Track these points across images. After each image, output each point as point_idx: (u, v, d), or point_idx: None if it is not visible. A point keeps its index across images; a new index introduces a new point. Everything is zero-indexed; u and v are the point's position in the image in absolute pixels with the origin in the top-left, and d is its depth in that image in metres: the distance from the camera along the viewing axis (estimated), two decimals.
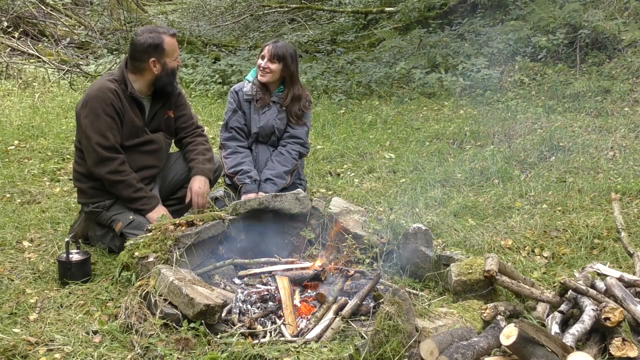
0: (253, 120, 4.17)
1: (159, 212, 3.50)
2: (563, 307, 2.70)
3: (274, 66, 4.07)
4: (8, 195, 4.40)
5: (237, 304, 2.84)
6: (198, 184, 3.68)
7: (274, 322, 2.75)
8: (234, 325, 2.71)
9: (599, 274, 2.88)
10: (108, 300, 2.98)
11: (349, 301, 2.83)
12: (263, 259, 3.39)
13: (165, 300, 2.73)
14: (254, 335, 2.64)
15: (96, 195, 3.54)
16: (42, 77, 8.22)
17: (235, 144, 4.15)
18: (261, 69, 4.09)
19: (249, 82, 4.21)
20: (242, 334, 2.64)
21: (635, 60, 7.18)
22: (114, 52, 9.50)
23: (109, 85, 3.47)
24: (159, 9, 15.40)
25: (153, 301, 2.74)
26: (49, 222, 3.91)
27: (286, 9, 13.32)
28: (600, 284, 2.78)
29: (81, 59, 9.41)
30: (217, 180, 4.12)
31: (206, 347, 2.55)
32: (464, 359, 2.25)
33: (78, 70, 8.53)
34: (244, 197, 3.85)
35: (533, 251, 3.64)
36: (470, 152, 5.40)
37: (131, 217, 3.47)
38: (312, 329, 2.68)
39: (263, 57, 4.10)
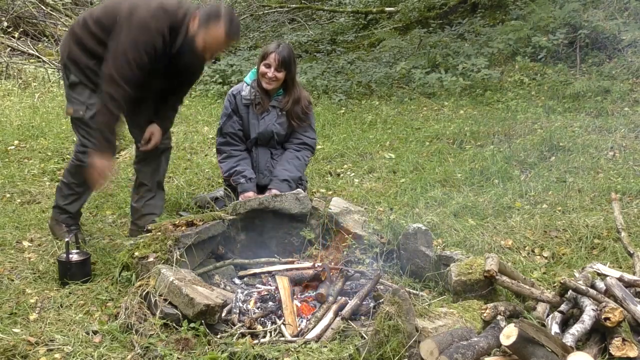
0: (252, 125, 4.10)
1: (104, 162, 3.29)
2: (563, 307, 2.70)
3: (281, 74, 3.94)
4: (8, 195, 4.40)
5: (237, 304, 2.84)
6: (159, 136, 3.72)
7: (274, 322, 2.75)
8: (234, 325, 2.71)
9: (599, 274, 2.88)
10: (108, 300, 2.98)
11: (349, 301, 2.83)
12: (263, 259, 3.39)
13: (165, 300, 2.73)
14: (254, 335, 2.64)
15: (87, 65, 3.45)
16: (42, 77, 8.22)
17: (230, 148, 4.10)
18: (267, 78, 3.95)
19: (248, 84, 4.10)
20: (242, 334, 2.64)
21: (635, 60, 7.18)
22: None
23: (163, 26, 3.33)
24: None
25: (153, 301, 2.74)
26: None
27: (286, 9, 13.32)
28: (600, 284, 2.78)
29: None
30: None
31: (206, 347, 2.55)
32: (464, 359, 2.26)
33: None
34: (242, 197, 3.85)
35: (533, 251, 3.64)
36: (470, 152, 5.40)
37: (82, 112, 3.42)
38: (312, 329, 2.68)
39: (268, 66, 3.92)
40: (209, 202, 4.06)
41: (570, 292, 2.70)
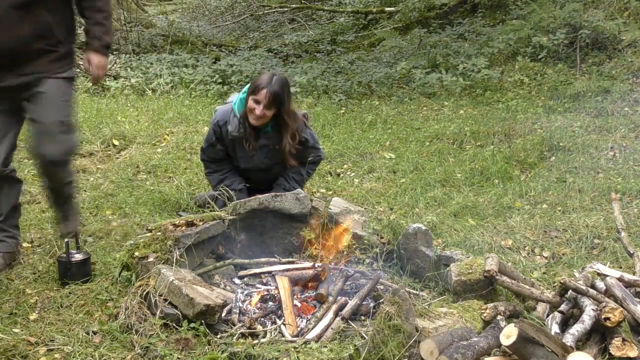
0: (240, 158, 3.93)
1: None
2: (563, 307, 2.71)
3: (270, 112, 3.68)
4: None
5: (237, 304, 2.84)
6: (97, 59, 3.13)
7: (274, 322, 2.75)
8: (234, 325, 2.71)
9: (599, 274, 2.88)
10: (108, 300, 2.98)
11: (349, 301, 2.83)
12: (263, 259, 3.39)
13: (165, 300, 2.73)
14: (254, 335, 2.64)
15: None
16: None
17: (214, 165, 4.02)
18: (255, 114, 3.66)
19: (235, 115, 3.80)
20: (242, 334, 2.64)
21: (635, 60, 7.19)
22: (114, 52, 9.49)
23: None
24: (159, 9, 15.40)
25: (153, 301, 2.74)
26: (49, 222, 3.91)
27: (286, 9, 13.34)
28: (600, 284, 2.78)
29: (81, 58, 9.38)
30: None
31: (206, 347, 2.55)
32: (464, 359, 2.26)
33: (78, 70, 8.52)
34: None
35: (533, 251, 3.65)
36: (470, 152, 5.40)
37: None
38: (312, 329, 2.68)
39: (257, 102, 3.64)
40: (209, 202, 4.06)
41: (570, 292, 2.70)
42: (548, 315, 2.77)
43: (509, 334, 2.22)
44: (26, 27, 2.81)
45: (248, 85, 3.82)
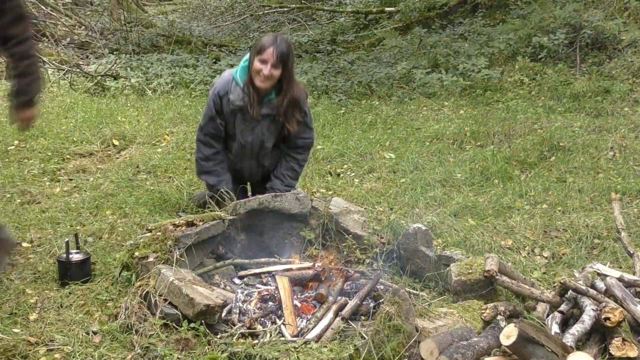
0: (240, 132, 3.78)
1: None
2: (563, 307, 2.71)
3: (278, 72, 3.57)
4: (8, 195, 4.39)
5: (237, 304, 2.84)
6: (23, 114, 3.12)
7: (274, 322, 2.75)
8: (234, 325, 2.71)
9: (599, 274, 2.88)
10: (108, 300, 2.98)
11: (349, 301, 2.83)
12: (263, 259, 3.39)
13: (165, 300, 2.73)
14: (254, 335, 2.64)
15: None
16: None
17: (210, 151, 3.86)
18: (262, 75, 3.55)
19: (238, 84, 3.68)
20: (242, 334, 2.64)
21: (635, 60, 7.19)
22: (115, 52, 9.50)
23: None
24: (159, 9, 15.40)
25: (153, 301, 2.74)
26: (49, 222, 3.91)
27: (286, 9, 13.34)
28: (600, 284, 2.79)
29: (81, 59, 9.40)
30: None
31: (206, 347, 2.55)
32: (464, 359, 2.26)
33: (78, 70, 8.54)
34: None
35: (533, 251, 3.65)
36: (470, 152, 5.40)
37: None
38: (312, 329, 2.68)
39: (264, 62, 3.53)
40: (209, 202, 4.05)
41: (570, 292, 2.70)
42: (548, 315, 2.77)
43: (509, 334, 2.22)
44: None
45: (247, 56, 3.74)
